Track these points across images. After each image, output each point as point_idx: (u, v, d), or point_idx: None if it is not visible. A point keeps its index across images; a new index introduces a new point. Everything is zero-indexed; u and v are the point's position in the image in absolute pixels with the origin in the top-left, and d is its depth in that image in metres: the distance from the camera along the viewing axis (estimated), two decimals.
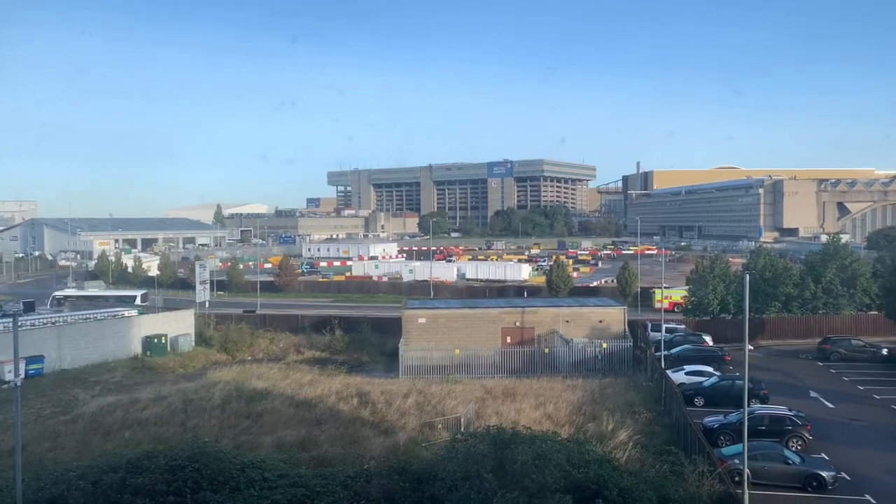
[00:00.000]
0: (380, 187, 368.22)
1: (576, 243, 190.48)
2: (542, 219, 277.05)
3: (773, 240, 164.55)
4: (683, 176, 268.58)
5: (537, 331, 53.10)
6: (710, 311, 60.94)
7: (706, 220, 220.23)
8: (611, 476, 21.26)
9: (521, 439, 22.30)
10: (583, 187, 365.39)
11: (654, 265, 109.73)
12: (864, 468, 29.71)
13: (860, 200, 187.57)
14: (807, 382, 45.78)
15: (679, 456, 27.30)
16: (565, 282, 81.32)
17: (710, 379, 42.46)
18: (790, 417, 33.39)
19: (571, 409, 36.47)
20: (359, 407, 37.96)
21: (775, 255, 67.61)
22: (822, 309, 61.32)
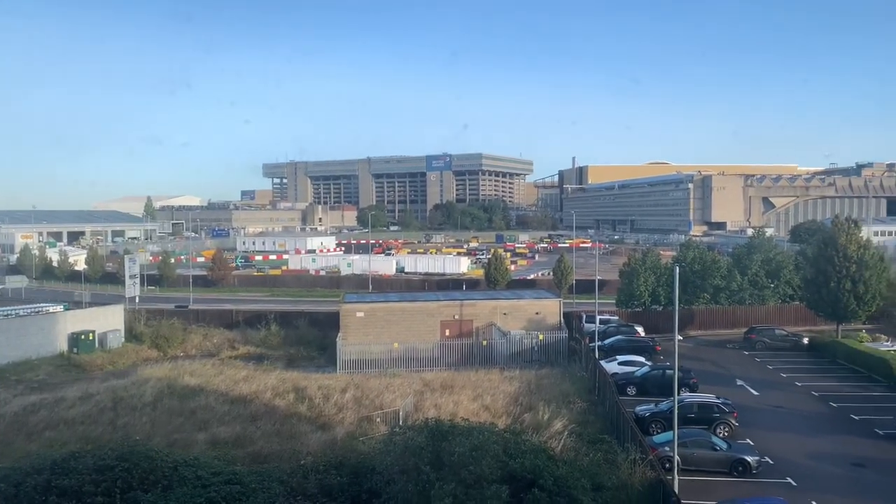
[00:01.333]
0: (317, 180, 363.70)
1: (514, 237, 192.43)
2: (480, 212, 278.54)
3: (702, 233, 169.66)
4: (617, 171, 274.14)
5: (476, 323, 53.48)
6: (641, 302, 62.53)
7: (638, 214, 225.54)
8: (546, 465, 21.61)
9: (459, 431, 22.44)
10: (520, 181, 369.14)
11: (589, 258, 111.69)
12: (786, 452, 31.06)
13: (784, 195, 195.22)
14: (733, 371, 47.52)
15: (612, 444, 28.00)
16: (503, 275, 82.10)
17: (642, 369, 43.61)
18: (718, 405, 34.63)
19: (509, 401, 36.94)
20: (295, 402, 37.56)
21: (704, 248, 69.80)
22: (748, 300, 63.73)
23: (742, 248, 68.67)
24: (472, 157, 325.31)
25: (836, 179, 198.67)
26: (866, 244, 53.15)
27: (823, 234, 58.57)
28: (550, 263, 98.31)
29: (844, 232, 52.47)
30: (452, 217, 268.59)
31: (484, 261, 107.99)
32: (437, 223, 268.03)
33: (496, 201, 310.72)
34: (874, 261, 51.87)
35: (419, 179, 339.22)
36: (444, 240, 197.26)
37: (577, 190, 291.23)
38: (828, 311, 53.33)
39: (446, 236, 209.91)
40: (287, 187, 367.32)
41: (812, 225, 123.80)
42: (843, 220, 55.06)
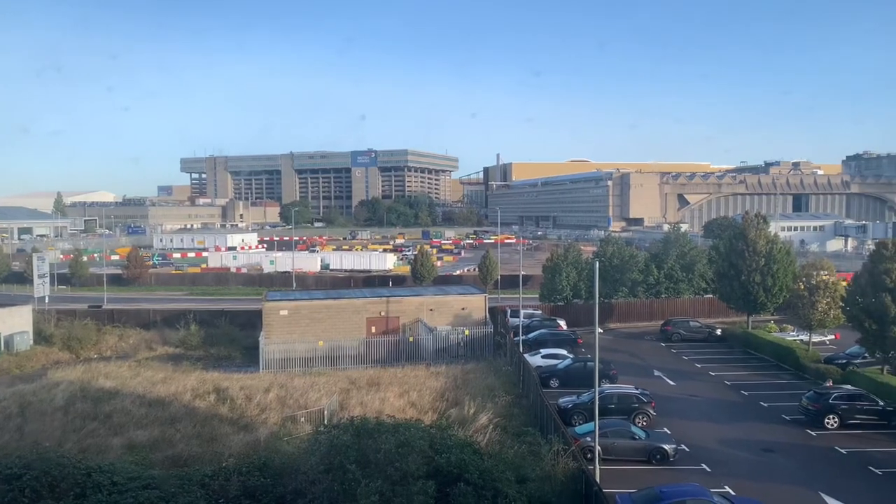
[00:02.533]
0: (238, 175, 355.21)
1: (440, 233, 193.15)
2: (406, 209, 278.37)
3: (621, 229, 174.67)
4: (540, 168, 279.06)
5: (402, 320, 53.39)
6: (564, 296, 63.85)
7: (561, 211, 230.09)
8: (472, 459, 21.77)
9: (385, 428, 22.36)
10: (446, 178, 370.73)
11: (514, 254, 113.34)
12: (700, 440, 32.33)
13: (698, 192, 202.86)
14: (651, 362, 49.12)
15: (536, 436, 28.47)
16: (429, 271, 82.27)
17: (565, 361, 44.52)
18: (636, 396, 35.71)
19: (435, 396, 37.08)
20: (216, 403, 36.65)
21: (623, 244, 71.77)
22: (665, 293, 66.01)
23: (658, 244, 71.05)
24: (397, 153, 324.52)
25: (746, 177, 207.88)
26: (774, 239, 55.84)
27: (734, 230, 61.18)
28: (476, 259, 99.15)
29: (754, 227, 54.96)
30: (378, 213, 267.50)
31: (410, 257, 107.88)
32: (362, 219, 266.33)
33: (422, 198, 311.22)
34: (781, 255, 54.54)
35: (344, 175, 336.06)
36: (370, 236, 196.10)
37: (501, 187, 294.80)
38: (739, 303, 55.77)
39: (372, 233, 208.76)
40: (206, 183, 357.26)
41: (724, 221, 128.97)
42: (752, 216, 57.68)
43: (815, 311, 46.22)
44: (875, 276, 39.99)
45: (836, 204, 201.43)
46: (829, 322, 46.80)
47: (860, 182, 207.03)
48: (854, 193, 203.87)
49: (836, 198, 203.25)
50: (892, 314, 37.79)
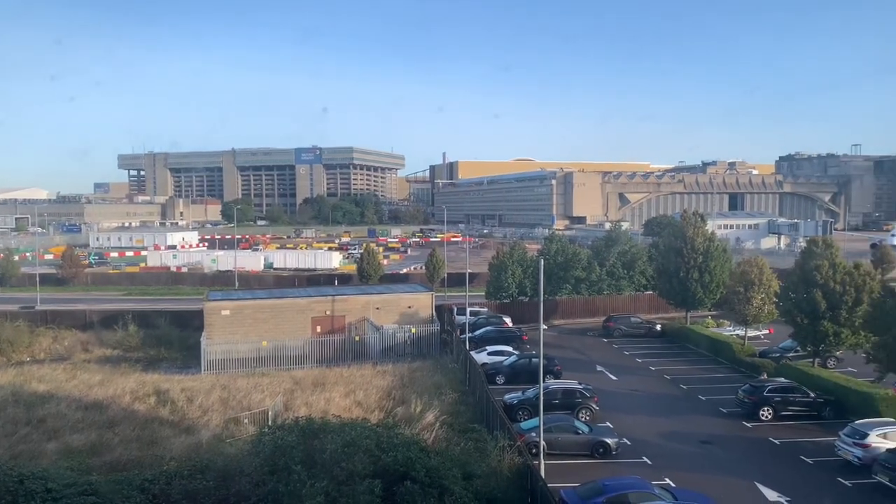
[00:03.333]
0: (178, 172, 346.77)
1: (386, 231, 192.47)
2: (352, 207, 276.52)
3: (565, 227, 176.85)
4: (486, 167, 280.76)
5: (348, 319, 53.04)
6: (509, 294, 64.45)
7: (506, 209, 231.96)
8: (419, 457, 21.81)
9: (331, 428, 22.23)
10: (392, 176, 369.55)
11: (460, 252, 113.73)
12: (642, 433, 33.10)
13: (638, 191, 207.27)
14: (594, 357, 50.03)
15: (482, 433, 28.68)
16: (376, 269, 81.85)
17: (510, 358, 44.97)
18: (580, 391, 36.34)
19: (381, 395, 37.01)
20: (157, 406, 35.83)
21: (566, 242, 72.81)
22: (607, 290, 67.26)
23: (601, 241, 72.36)
24: (342, 150, 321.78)
25: (684, 177, 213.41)
26: (711, 237, 57.52)
27: (673, 228, 62.78)
28: (422, 257, 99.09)
29: (692, 225, 56.50)
30: (323, 211, 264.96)
31: (356, 255, 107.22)
32: (307, 217, 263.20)
33: (368, 195, 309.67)
34: (718, 252, 56.23)
35: (288, 173, 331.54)
36: (315, 234, 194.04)
37: (447, 185, 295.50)
38: (678, 300, 57.25)
39: (317, 231, 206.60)
40: (145, 180, 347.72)
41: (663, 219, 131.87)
42: (690, 215, 59.34)
43: (750, 307, 47.75)
44: (806, 272, 41.62)
45: (770, 203, 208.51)
46: (764, 317, 48.43)
47: (792, 182, 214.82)
48: (786, 193, 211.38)
49: (769, 197, 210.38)
50: (823, 309, 39.39)
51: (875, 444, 28.09)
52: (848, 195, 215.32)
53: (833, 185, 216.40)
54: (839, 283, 39.67)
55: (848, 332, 39.33)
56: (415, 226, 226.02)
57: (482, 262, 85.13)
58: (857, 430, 29.15)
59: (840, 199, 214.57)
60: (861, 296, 38.95)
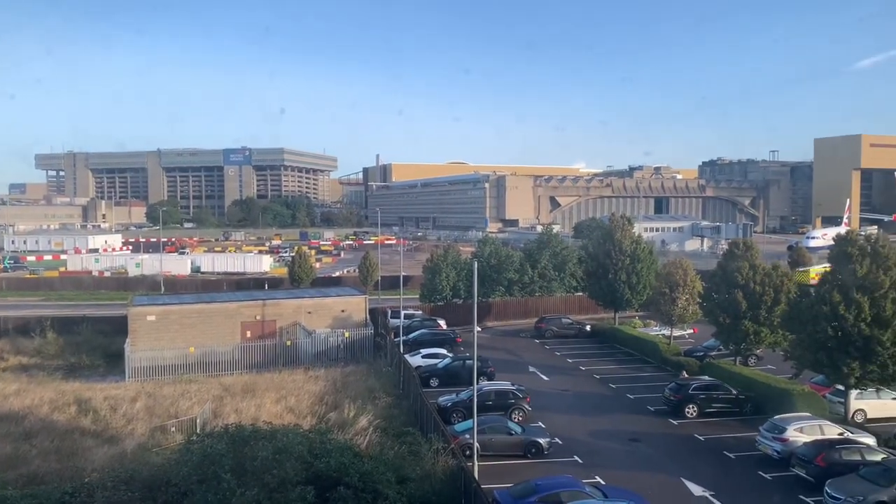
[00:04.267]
0: (100, 173, 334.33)
1: (318, 234, 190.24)
2: (283, 209, 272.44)
3: (498, 230, 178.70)
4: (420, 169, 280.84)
5: (279, 323, 52.14)
6: (444, 296, 64.65)
7: (440, 212, 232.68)
8: (352, 462, 21.63)
9: (262, 435, 21.83)
10: (325, 178, 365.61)
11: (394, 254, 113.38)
12: (573, 432, 33.70)
13: (569, 195, 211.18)
14: (526, 358, 50.67)
15: (416, 436, 28.65)
16: (308, 273, 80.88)
17: (444, 360, 45.08)
18: (513, 392, 36.71)
19: (314, 400, 36.56)
20: (78, 416, 34.37)
21: (499, 244, 73.62)
22: (539, 291, 68.31)
23: (532, 244, 73.44)
24: (273, 151, 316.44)
25: (612, 181, 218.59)
26: (638, 239, 59.12)
27: (602, 231, 64.26)
28: (356, 260, 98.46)
29: (620, 228, 57.94)
30: (253, 214, 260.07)
31: (287, 259, 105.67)
32: (236, 220, 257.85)
33: (300, 198, 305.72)
34: (645, 254, 57.83)
35: (216, 174, 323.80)
36: (245, 237, 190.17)
37: (381, 187, 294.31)
38: (607, 300, 58.59)
39: (247, 234, 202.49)
40: (65, 180, 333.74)
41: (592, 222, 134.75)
42: (618, 218, 60.84)
43: (675, 307, 49.27)
44: (728, 273, 43.21)
45: (694, 206, 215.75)
46: (688, 317, 50.03)
47: (714, 186, 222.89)
48: (709, 197, 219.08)
49: (693, 200, 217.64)
50: (744, 309, 40.95)
51: (793, 439, 29.35)
52: (766, 199, 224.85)
53: (752, 189, 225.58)
54: (759, 284, 41.32)
55: (767, 331, 40.98)
56: (348, 228, 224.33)
57: (416, 265, 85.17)
58: (776, 426, 30.41)
59: (759, 203, 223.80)
60: (779, 296, 40.67)
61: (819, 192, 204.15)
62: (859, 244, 33.53)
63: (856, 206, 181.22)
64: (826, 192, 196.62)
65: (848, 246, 33.71)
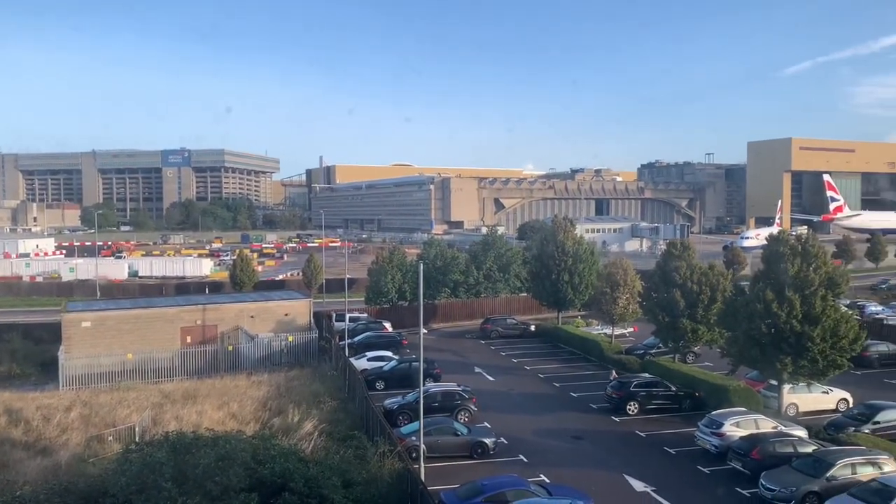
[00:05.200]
0: (31, 174, 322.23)
1: (260, 236, 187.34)
2: (224, 211, 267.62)
3: (443, 232, 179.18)
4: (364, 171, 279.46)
5: (220, 328, 51.23)
6: (389, 298, 64.47)
7: (385, 214, 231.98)
8: (297, 468, 21.39)
9: (203, 442, 21.39)
10: (267, 180, 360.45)
11: (339, 257, 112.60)
12: (518, 432, 34.01)
13: (512, 197, 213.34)
14: (472, 359, 50.93)
15: (362, 440, 28.52)
16: (250, 276, 79.58)
17: (390, 363, 44.95)
18: (459, 393, 36.86)
19: (257, 406, 36.03)
20: (8, 426, 33.03)
21: (445, 246, 73.86)
22: (484, 293, 68.79)
23: (478, 246, 73.92)
24: (213, 152, 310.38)
25: (554, 183, 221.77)
26: (580, 240, 60.12)
27: (545, 232, 65.09)
28: (300, 263, 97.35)
29: (562, 230, 58.81)
30: (193, 216, 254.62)
31: (229, 262, 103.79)
32: (175, 223, 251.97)
33: (241, 200, 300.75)
34: (587, 255, 58.82)
35: (154, 176, 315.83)
36: (184, 241, 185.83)
37: (325, 189, 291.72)
38: (550, 301, 59.37)
39: (186, 237, 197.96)
40: None
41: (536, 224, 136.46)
42: (561, 220, 61.78)
43: (616, 307, 50.24)
44: (666, 273, 44.31)
45: (633, 208, 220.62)
46: (629, 316, 51.09)
47: (652, 188, 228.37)
48: (648, 198, 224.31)
49: (632, 202, 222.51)
50: (681, 307, 42.04)
51: (729, 433, 30.25)
52: (702, 201, 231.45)
53: (689, 191, 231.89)
54: (696, 283, 42.50)
55: (704, 329, 42.16)
56: (291, 231, 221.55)
57: (361, 268, 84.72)
58: (714, 421, 31.30)
59: (695, 205, 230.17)
60: (715, 294, 41.89)
61: (752, 194, 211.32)
62: (790, 244, 34.81)
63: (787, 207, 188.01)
64: (759, 193, 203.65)
65: (780, 246, 34.95)
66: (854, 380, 39.91)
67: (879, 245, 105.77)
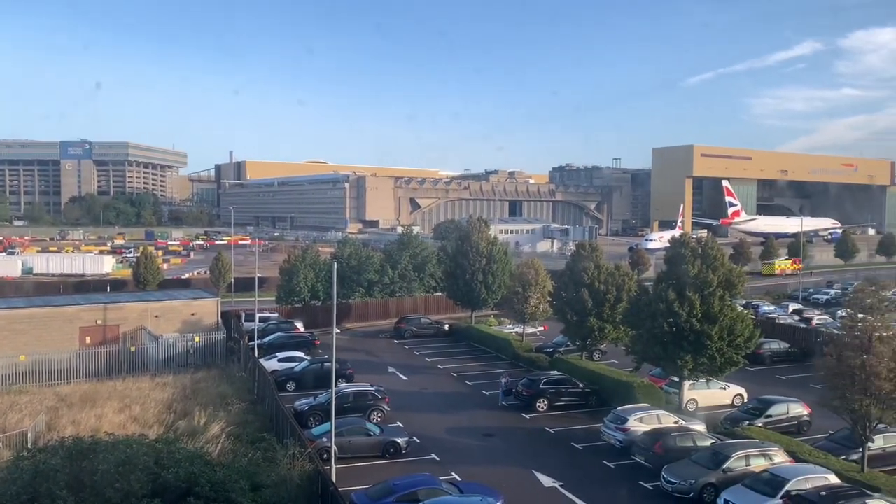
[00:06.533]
0: None
1: (166, 233, 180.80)
2: (127, 206, 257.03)
3: (358, 230, 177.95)
4: (276, 167, 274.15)
5: (123, 328, 49.20)
6: (301, 298, 63.48)
7: (298, 212, 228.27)
8: (203, 472, 20.79)
9: (103, 447, 20.52)
10: (173, 174, 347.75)
11: (249, 255, 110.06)
12: (431, 430, 34.19)
13: (428, 197, 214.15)
14: (386, 359, 50.83)
15: (272, 442, 28.01)
16: (154, 274, 76.66)
17: (301, 364, 44.32)
18: (371, 393, 36.74)
19: (161, 409, 34.87)
20: None
21: (359, 245, 73.47)
22: (399, 292, 68.78)
23: (393, 245, 73.85)
24: (116, 145, 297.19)
25: (469, 184, 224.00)
26: (494, 241, 61.03)
27: (460, 232, 65.73)
28: (207, 261, 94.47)
29: (477, 230, 59.54)
30: (94, 211, 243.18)
31: (132, 259, 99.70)
32: (74, 218, 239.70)
33: (146, 195, 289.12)
34: (500, 255, 59.77)
35: (52, 168, 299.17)
36: (84, 237, 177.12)
37: (235, 185, 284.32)
38: (464, 300, 59.98)
39: (86, 233, 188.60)
40: None
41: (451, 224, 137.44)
42: (475, 220, 62.55)
43: (527, 306, 51.30)
44: (575, 273, 45.54)
45: (545, 209, 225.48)
46: (539, 315, 52.26)
47: (563, 191, 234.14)
48: (559, 201, 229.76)
49: (544, 204, 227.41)
50: (589, 307, 43.27)
51: (633, 428, 31.37)
52: (610, 204, 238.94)
53: (598, 194, 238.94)
54: (603, 284, 43.85)
55: (610, 327, 43.53)
56: (199, 228, 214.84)
57: (273, 266, 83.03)
58: (619, 416, 32.40)
59: (603, 207, 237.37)
60: (621, 294, 43.34)
61: (656, 198, 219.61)
62: (691, 246, 36.46)
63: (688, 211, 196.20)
64: (663, 197, 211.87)
65: (681, 248, 36.54)
66: (749, 376, 42.14)
67: (772, 248, 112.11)
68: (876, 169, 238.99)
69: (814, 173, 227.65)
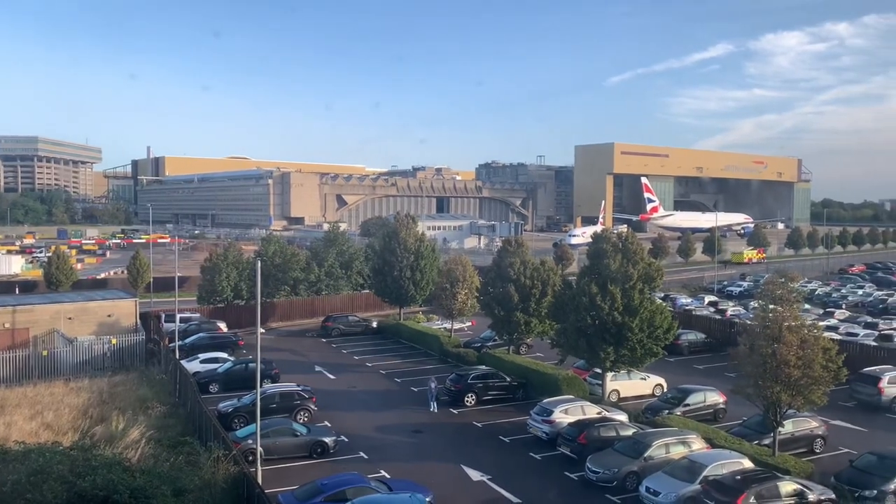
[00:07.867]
0: None
1: (80, 232, 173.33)
2: (37, 204, 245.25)
3: (283, 228, 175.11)
4: (196, 164, 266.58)
5: (33, 331, 46.90)
6: (224, 298, 61.97)
7: (220, 209, 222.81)
8: (121, 479, 20.07)
9: (13, 457, 19.63)
10: (87, 170, 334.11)
11: (168, 254, 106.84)
12: (359, 429, 34.04)
13: (355, 193, 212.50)
14: (312, 358, 50.25)
15: (195, 445, 27.26)
16: (68, 275, 73.41)
17: (225, 365, 43.32)
18: (298, 392, 36.26)
19: (76, 414, 33.46)
20: None
21: (284, 243, 72.24)
22: (325, 290, 68.03)
23: (319, 242, 72.98)
24: (25, 140, 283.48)
25: (396, 180, 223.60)
26: (422, 237, 61.10)
27: (388, 229, 65.53)
28: (125, 261, 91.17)
29: (404, 227, 59.49)
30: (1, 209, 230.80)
31: (43, 259, 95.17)
32: None
33: (57, 192, 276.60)
34: (428, 251, 59.91)
35: None
36: None
37: (153, 182, 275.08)
38: (392, 297, 59.86)
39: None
40: None
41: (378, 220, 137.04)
42: (403, 217, 62.44)
43: (455, 302, 51.68)
44: (502, 269, 46.13)
45: (472, 206, 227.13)
46: (467, 310, 52.76)
47: (489, 187, 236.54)
48: (485, 197, 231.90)
49: (471, 200, 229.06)
50: (515, 301, 43.95)
51: (559, 420, 32.05)
52: (535, 200, 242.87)
53: (523, 191, 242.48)
54: (528, 278, 44.58)
55: (536, 321, 44.31)
56: (115, 226, 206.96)
57: (194, 265, 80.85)
58: (544, 409, 33.03)
59: (528, 204, 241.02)
60: (546, 289, 44.16)
61: (579, 194, 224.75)
62: (612, 241, 37.48)
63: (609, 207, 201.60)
64: (585, 194, 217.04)
65: (603, 243, 37.52)
66: (668, 366, 43.68)
67: (689, 242, 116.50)
68: (784, 166, 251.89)
69: (727, 170, 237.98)
